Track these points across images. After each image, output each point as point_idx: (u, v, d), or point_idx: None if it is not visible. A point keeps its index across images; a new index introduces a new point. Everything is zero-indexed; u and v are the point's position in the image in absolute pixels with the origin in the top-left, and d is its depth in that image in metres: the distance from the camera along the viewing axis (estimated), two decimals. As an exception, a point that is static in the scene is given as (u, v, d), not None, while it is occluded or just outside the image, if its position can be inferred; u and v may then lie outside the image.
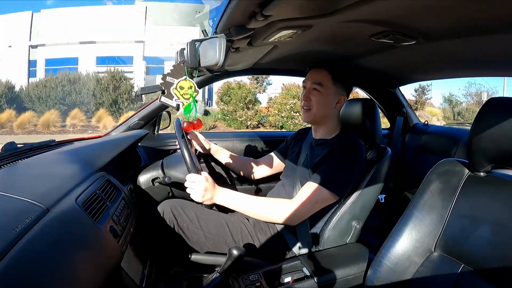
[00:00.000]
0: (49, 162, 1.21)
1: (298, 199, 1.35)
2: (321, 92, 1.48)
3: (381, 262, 1.10)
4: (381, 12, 0.90)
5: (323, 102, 1.49)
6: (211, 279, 1.19)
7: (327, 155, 1.41)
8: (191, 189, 1.26)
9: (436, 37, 1.11)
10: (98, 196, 1.08)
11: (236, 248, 1.13)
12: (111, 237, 1.01)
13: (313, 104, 1.50)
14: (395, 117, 2.68)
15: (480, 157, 0.98)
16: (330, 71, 1.49)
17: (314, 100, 1.50)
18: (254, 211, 1.35)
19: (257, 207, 1.35)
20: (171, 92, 0.88)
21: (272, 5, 0.74)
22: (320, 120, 1.55)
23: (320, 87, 1.48)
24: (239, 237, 1.46)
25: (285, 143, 1.86)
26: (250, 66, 1.93)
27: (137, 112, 2.12)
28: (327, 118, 1.54)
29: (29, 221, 0.72)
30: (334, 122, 1.56)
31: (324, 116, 1.53)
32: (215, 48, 0.85)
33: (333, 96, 1.50)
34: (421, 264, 1.04)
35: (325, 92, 1.48)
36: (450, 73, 1.87)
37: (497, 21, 0.91)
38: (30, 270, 0.65)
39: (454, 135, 2.30)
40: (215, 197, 1.30)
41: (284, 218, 1.34)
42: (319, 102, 1.49)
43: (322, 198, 1.35)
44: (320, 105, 1.50)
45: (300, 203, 1.34)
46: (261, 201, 1.36)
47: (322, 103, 1.49)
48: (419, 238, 1.06)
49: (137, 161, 1.81)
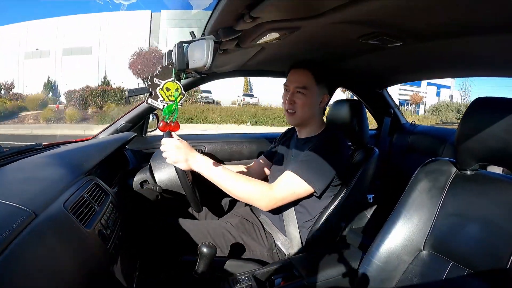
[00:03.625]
0: (36, 166, 1.19)
1: (276, 185, 1.33)
2: (305, 94, 1.45)
3: (370, 261, 1.11)
4: (369, 13, 0.91)
5: (308, 104, 1.47)
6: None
7: (309, 150, 1.39)
8: (165, 152, 1.20)
9: (423, 38, 1.13)
10: (86, 199, 1.07)
11: (206, 246, 1.13)
12: (99, 241, 1.00)
13: (298, 107, 1.47)
14: (382, 117, 2.70)
15: (467, 156, 1.00)
16: (312, 72, 1.46)
17: (299, 103, 1.47)
18: (230, 186, 1.28)
19: (234, 182, 1.28)
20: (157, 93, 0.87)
21: (260, 7, 0.74)
22: (305, 122, 1.54)
23: (304, 90, 1.45)
24: (223, 242, 1.46)
25: (273, 144, 1.86)
26: (238, 68, 1.93)
27: (125, 115, 2.10)
28: (312, 118, 1.53)
29: (16, 226, 0.71)
30: (318, 120, 1.55)
31: (309, 118, 1.52)
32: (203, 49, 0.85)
33: (316, 97, 1.48)
34: (410, 262, 1.05)
35: (309, 94, 1.46)
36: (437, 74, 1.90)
37: (483, 23, 0.93)
38: (18, 276, 0.64)
39: (441, 134, 2.34)
40: (191, 160, 1.22)
41: (258, 199, 1.30)
42: (304, 104, 1.47)
43: (299, 187, 1.32)
44: (305, 108, 1.47)
45: (276, 189, 1.32)
46: (239, 178, 1.30)
47: (307, 105, 1.47)
48: (408, 237, 1.07)
49: (125, 163, 1.80)
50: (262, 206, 1.31)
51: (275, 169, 1.67)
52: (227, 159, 2.36)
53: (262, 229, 1.54)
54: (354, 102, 1.68)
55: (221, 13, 0.78)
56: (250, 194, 1.29)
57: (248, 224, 1.54)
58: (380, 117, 2.76)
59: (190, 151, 1.22)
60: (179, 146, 1.20)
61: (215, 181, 1.26)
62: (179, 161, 1.20)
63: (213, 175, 1.25)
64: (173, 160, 1.20)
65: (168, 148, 1.20)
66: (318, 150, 1.36)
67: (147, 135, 2.29)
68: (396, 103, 2.77)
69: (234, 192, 1.28)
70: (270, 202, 1.30)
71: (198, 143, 2.32)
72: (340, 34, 1.14)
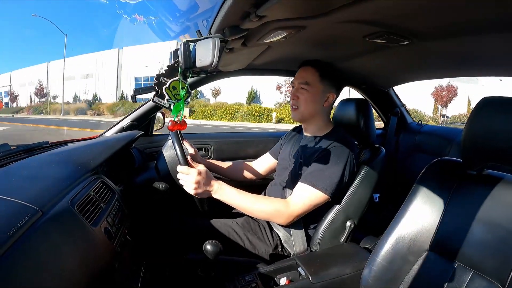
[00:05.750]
0: (43, 164, 1.20)
1: (293, 200, 1.36)
2: (308, 90, 1.50)
3: (376, 261, 1.10)
4: (375, 12, 0.90)
5: (311, 100, 1.51)
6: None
7: (319, 154, 1.41)
8: (183, 181, 1.24)
9: (429, 37, 1.12)
10: (93, 197, 1.08)
11: (211, 244, 1.14)
12: (105, 238, 1.01)
13: (301, 102, 1.52)
14: (389, 117, 2.69)
15: (474, 156, 0.99)
16: (317, 69, 1.51)
17: (301, 98, 1.52)
18: (250, 209, 1.34)
19: (252, 205, 1.33)
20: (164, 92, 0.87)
21: (266, 5, 0.74)
22: (308, 118, 1.56)
23: (307, 86, 1.50)
24: (228, 240, 1.46)
25: (279, 142, 1.86)
26: (244, 67, 1.93)
27: (131, 114, 2.11)
28: (315, 115, 1.55)
29: (23, 223, 0.72)
30: (323, 119, 1.57)
31: (312, 114, 1.54)
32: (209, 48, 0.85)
33: (320, 94, 1.51)
34: (416, 262, 1.05)
35: (312, 90, 1.50)
36: (444, 73, 1.88)
37: (491, 21, 0.91)
38: (24, 272, 0.64)
39: (448, 134, 2.32)
40: (209, 189, 1.27)
41: (276, 218, 1.35)
42: (306, 100, 1.51)
43: (316, 197, 1.35)
44: (308, 103, 1.51)
45: (293, 203, 1.35)
46: (257, 200, 1.35)
47: (309, 101, 1.51)
48: (414, 237, 1.06)
49: (131, 162, 1.80)
50: (281, 223, 1.38)
51: (280, 167, 1.68)
52: (233, 158, 2.35)
53: (268, 228, 1.54)
54: (361, 101, 1.67)
55: (228, 12, 0.78)
56: (268, 214, 1.35)
57: (253, 223, 1.55)
58: (386, 116, 2.75)
59: (211, 184, 1.28)
60: (199, 181, 1.24)
61: (234, 205, 1.33)
62: (198, 191, 1.24)
63: (232, 201, 1.32)
64: (191, 192, 1.24)
65: (186, 178, 1.24)
66: (329, 155, 1.39)
67: (154, 133, 2.30)
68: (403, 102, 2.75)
69: (253, 213, 1.36)
70: (288, 218, 1.35)
71: (204, 141, 2.32)
72: (346, 33, 1.13)
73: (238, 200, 1.32)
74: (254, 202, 1.34)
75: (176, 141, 1.27)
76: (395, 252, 1.08)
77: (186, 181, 1.23)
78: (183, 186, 1.25)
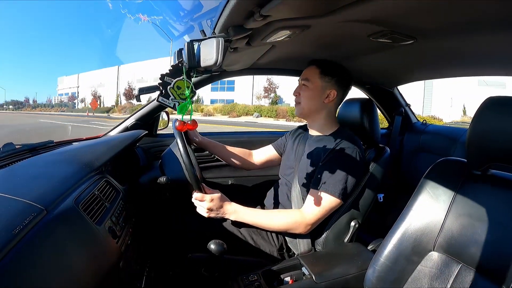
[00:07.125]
0: (47, 163, 1.20)
1: (307, 208, 1.38)
2: (308, 86, 1.53)
3: (380, 261, 1.10)
4: (379, 11, 0.89)
5: (310, 96, 1.54)
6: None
7: (328, 156, 1.41)
8: (197, 205, 1.32)
9: (434, 36, 1.11)
10: (97, 196, 1.08)
11: (215, 243, 1.15)
12: (110, 237, 1.01)
13: (302, 98, 1.56)
14: (393, 116, 2.68)
15: (479, 156, 0.98)
16: (318, 66, 1.53)
17: (302, 94, 1.56)
18: (268, 225, 1.39)
19: (268, 221, 1.38)
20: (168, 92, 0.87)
21: (270, 5, 0.74)
22: (309, 114, 1.59)
23: (307, 82, 1.53)
24: (232, 240, 1.47)
25: (284, 137, 1.87)
26: (248, 66, 1.93)
27: (135, 113, 2.12)
28: (316, 112, 1.57)
29: (28, 222, 0.72)
30: (325, 117, 1.58)
31: (312, 110, 1.57)
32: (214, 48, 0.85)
33: (320, 90, 1.52)
34: (420, 263, 1.04)
35: (311, 86, 1.53)
36: (448, 72, 1.87)
37: (496, 20, 0.91)
38: (29, 272, 0.65)
39: (452, 134, 2.31)
40: (226, 215, 1.34)
41: (294, 229, 1.38)
42: (306, 96, 1.55)
43: (330, 203, 1.37)
44: (307, 99, 1.55)
45: (309, 212, 1.37)
46: (272, 215, 1.40)
47: (309, 97, 1.54)
48: (418, 237, 1.06)
49: (136, 161, 1.81)
50: (301, 233, 1.41)
51: (286, 166, 1.69)
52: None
53: None
54: (365, 100, 1.67)
55: (232, 12, 0.78)
56: (287, 227, 1.39)
57: None
58: (391, 116, 2.74)
59: (223, 207, 1.34)
60: (212, 208, 1.31)
61: (252, 224, 1.39)
62: (211, 215, 1.32)
63: (248, 221, 1.38)
64: (205, 214, 1.31)
65: (200, 204, 1.31)
66: (339, 158, 1.41)
67: (158, 133, 2.30)
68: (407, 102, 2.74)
69: (272, 228, 1.41)
70: (307, 227, 1.39)
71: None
72: (350, 32, 1.13)
73: (255, 218, 1.38)
74: (271, 218, 1.39)
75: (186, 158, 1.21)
76: (399, 252, 1.07)
77: (199, 206, 1.31)
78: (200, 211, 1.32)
